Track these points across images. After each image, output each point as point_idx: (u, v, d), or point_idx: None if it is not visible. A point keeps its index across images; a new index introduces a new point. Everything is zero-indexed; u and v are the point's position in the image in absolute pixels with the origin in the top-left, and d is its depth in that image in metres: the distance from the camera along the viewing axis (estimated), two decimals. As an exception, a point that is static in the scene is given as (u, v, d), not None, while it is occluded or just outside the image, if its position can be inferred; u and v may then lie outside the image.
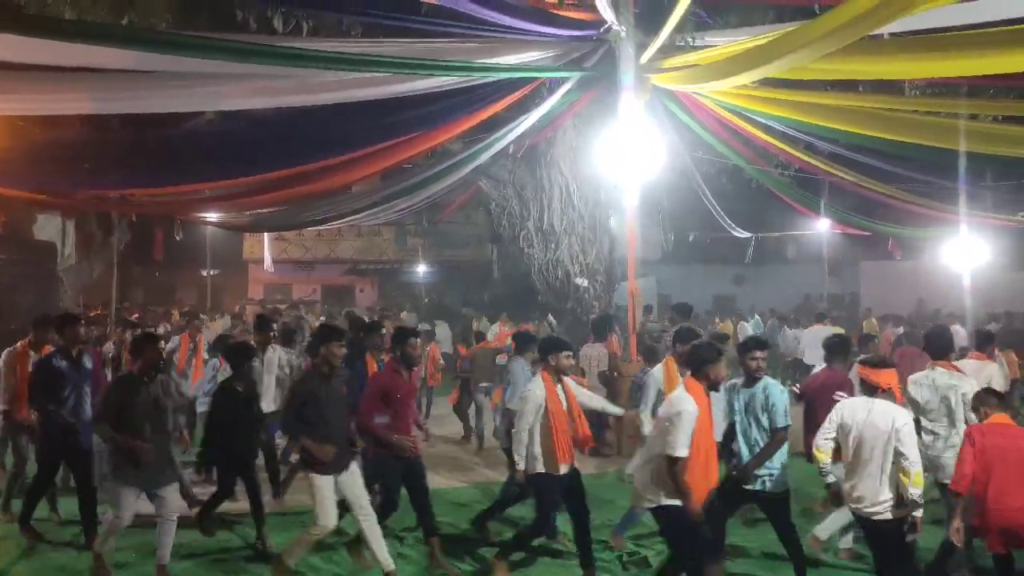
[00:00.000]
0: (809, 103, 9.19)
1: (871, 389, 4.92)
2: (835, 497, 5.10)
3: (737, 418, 5.41)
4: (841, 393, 5.83)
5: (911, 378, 6.01)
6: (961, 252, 14.00)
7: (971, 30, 6.71)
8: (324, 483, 5.43)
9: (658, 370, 6.41)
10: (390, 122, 9.29)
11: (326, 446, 5.40)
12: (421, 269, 26.58)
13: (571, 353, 5.96)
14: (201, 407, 8.55)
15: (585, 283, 14.01)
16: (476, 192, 15.96)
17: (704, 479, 4.82)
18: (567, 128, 13.44)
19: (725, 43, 8.68)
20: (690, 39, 9.23)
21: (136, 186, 10.23)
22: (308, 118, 9.37)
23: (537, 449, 5.57)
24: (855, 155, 11.42)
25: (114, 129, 13.28)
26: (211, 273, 24.33)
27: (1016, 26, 6.21)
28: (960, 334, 14.06)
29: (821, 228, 17.64)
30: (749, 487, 5.26)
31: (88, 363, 6.83)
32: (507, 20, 7.93)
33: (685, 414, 4.70)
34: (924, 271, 21.22)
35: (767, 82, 8.34)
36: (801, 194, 14.89)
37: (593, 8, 8.51)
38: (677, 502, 4.78)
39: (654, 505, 4.93)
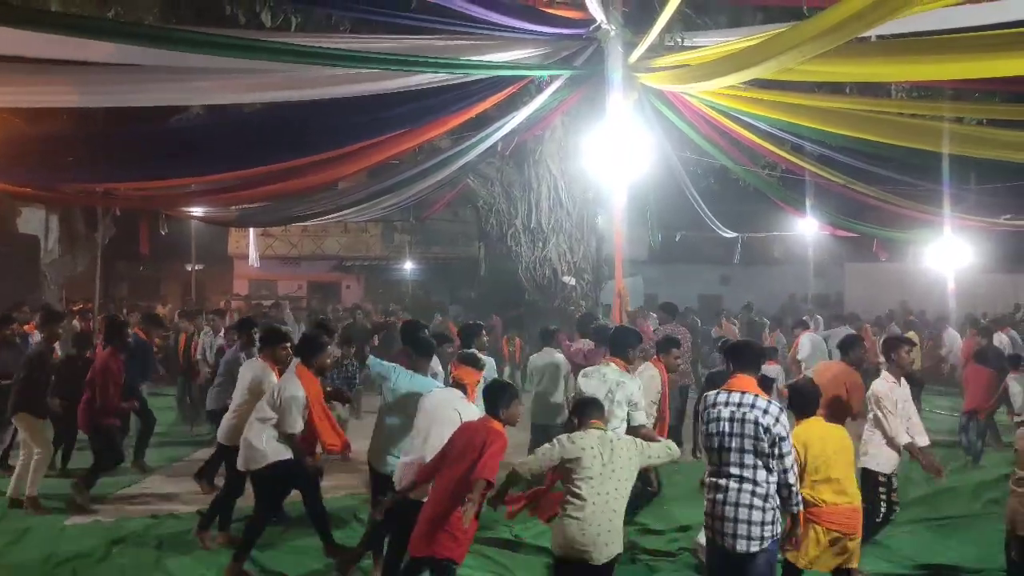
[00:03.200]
0: (797, 104, 9.22)
1: None
2: None
3: None
4: None
5: None
6: (945, 254, 14.12)
7: (958, 34, 6.75)
8: None
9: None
10: (378, 118, 9.25)
11: None
12: (408, 266, 26.51)
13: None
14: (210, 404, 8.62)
15: (572, 282, 14.05)
16: (464, 189, 15.94)
17: None
18: (555, 126, 13.46)
19: (714, 43, 8.69)
20: (679, 39, 9.24)
21: (121, 180, 10.15)
22: (295, 113, 9.31)
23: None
24: (842, 156, 11.48)
25: (99, 122, 13.17)
26: (196, 268, 24.18)
27: (1002, 31, 6.25)
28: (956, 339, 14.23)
29: (807, 229, 17.72)
30: None
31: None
32: (496, 17, 7.91)
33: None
34: (908, 273, 21.39)
35: (755, 83, 8.36)
36: (787, 194, 14.95)
37: (582, 6, 8.50)
38: None
39: None
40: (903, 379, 6.58)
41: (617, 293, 9.81)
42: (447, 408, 5.24)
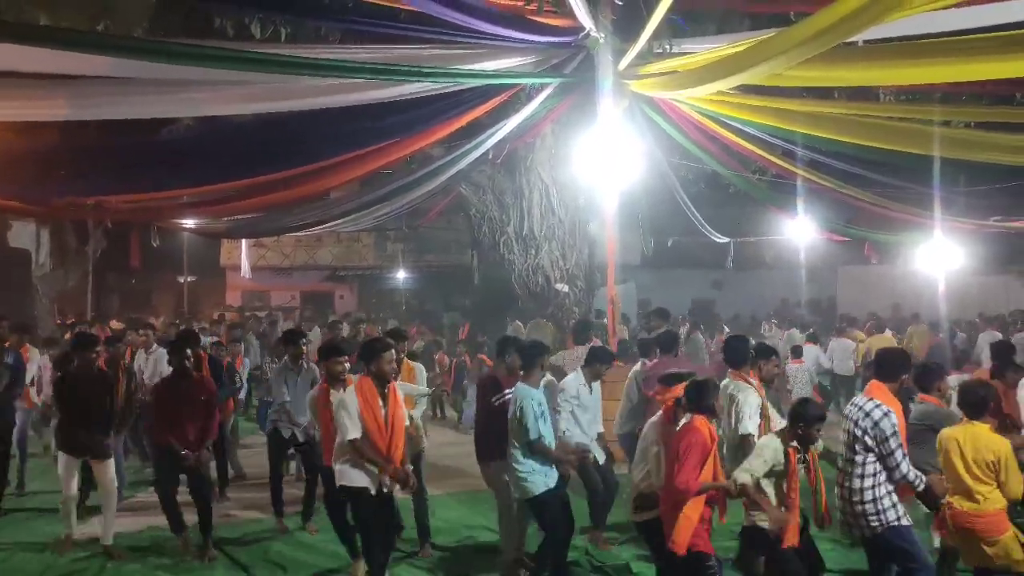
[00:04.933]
0: (785, 109, 9.27)
1: None
2: None
3: None
4: None
5: None
6: (935, 256, 14.18)
7: (943, 38, 6.81)
8: None
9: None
10: (369, 128, 9.27)
11: None
12: (401, 275, 26.49)
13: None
14: None
15: (565, 288, 14.05)
16: (456, 198, 15.95)
17: None
18: (547, 134, 13.48)
19: (702, 50, 8.74)
20: (668, 46, 9.29)
21: (112, 192, 10.13)
22: (286, 124, 9.32)
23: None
24: (831, 160, 11.54)
25: (90, 135, 13.15)
26: (188, 280, 24.14)
27: (988, 34, 6.30)
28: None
29: (799, 233, 17.78)
30: None
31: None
32: (485, 26, 7.94)
33: None
34: (900, 275, 21.46)
35: (744, 88, 8.41)
36: (778, 199, 15.01)
37: (571, 15, 8.54)
38: None
39: None
40: None
41: (610, 299, 9.85)
42: None
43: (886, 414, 4.85)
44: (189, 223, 12.95)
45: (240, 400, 10.63)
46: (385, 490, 5.53)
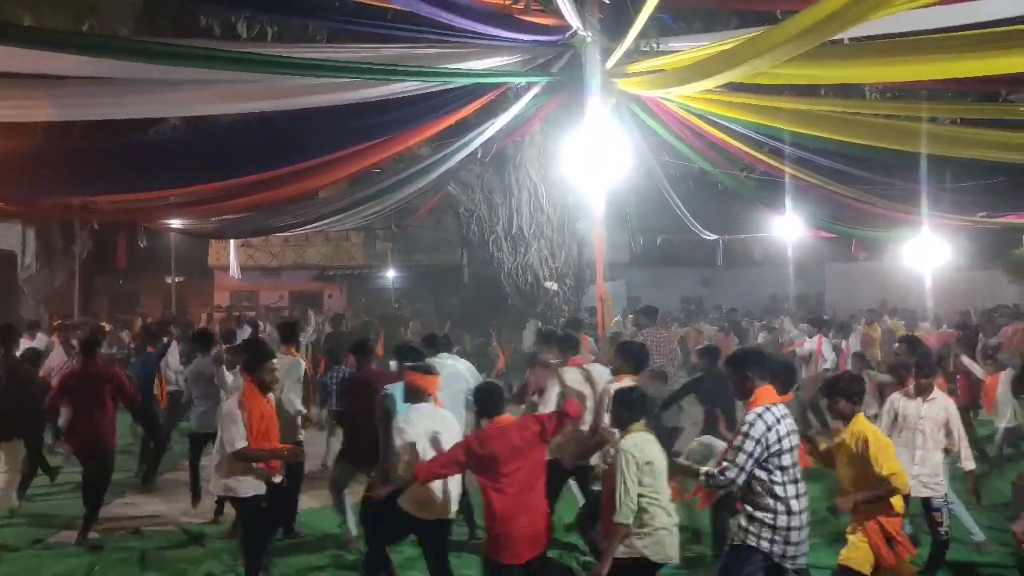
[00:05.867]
0: (772, 107, 9.30)
1: None
2: None
3: None
4: None
5: None
6: (922, 252, 14.27)
7: (929, 36, 6.85)
8: None
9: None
10: (357, 127, 9.24)
11: None
12: (390, 274, 26.43)
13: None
14: None
15: (554, 287, 14.06)
16: (445, 196, 15.94)
17: None
18: (535, 132, 13.49)
19: (689, 48, 8.76)
20: (655, 44, 9.30)
21: (99, 193, 10.07)
22: (273, 123, 9.29)
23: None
24: (819, 157, 11.58)
25: (76, 136, 13.08)
26: (176, 280, 24.02)
27: (972, 31, 6.34)
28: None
29: (787, 230, 17.85)
30: None
31: None
32: (473, 25, 7.93)
33: None
34: (887, 271, 21.60)
35: (731, 86, 8.43)
36: (766, 196, 15.06)
37: (559, 13, 8.54)
38: None
39: None
40: None
41: (599, 297, 9.85)
42: None
43: None
44: (176, 224, 12.87)
45: None
46: (279, 481, 5.72)
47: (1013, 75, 7.12)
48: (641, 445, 4.50)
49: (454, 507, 5.25)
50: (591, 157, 9.07)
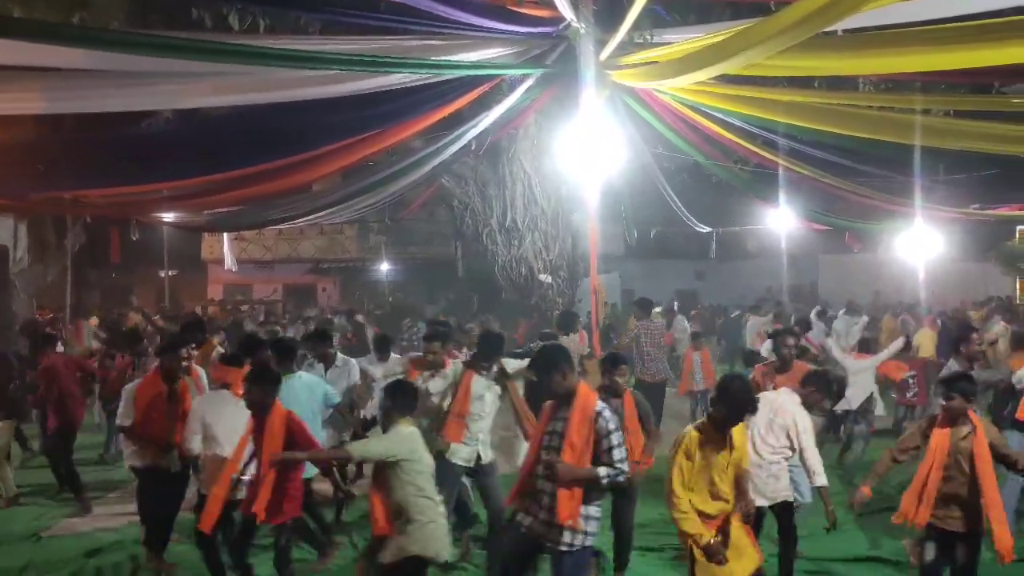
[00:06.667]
0: (766, 99, 9.30)
1: None
2: None
3: None
4: None
5: None
6: (915, 244, 14.31)
7: (923, 26, 6.84)
8: None
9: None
10: (350, 120, 9.22)
11: None
12: (384, 267, 26.43)
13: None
14: None
15: (548, 279, 14.05)
16: (439, 189, 15.91)
17: None
18: (529, 124, 13.46)
19: (683, 40, 8.74)
20: (649, 36, 9.29)
21: (91, 187, 10.02)
22: (266, 116, 9.25)
23: None
24: (812, 149, 11.60)
25: (67, 129, 13.01)
26: (169, 274, 23.96)
27: (967, 23, 6.34)
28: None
29: (781, 223, 17.88)
30: None
31: None
32: (465, 17, 7.91)
33: None
34: (880, 263, 21.66)
35: (725, 78, 8.42)
36: (760, 189, 15.08)
37: (552, 5, 8.51)
38: None
39: None
40: None
41: (593, 290, 9.85)
42: None
43: None
44: (169, 217, 12.83)
45: None
46: (174, 470, 6.10)
47: (1006, 67, 7.14)
48: (404, 439, 4.46)
49: None
50: (585, 149, 9.06)
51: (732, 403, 4.38)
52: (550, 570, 4.33)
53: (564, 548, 4.15)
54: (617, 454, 4.15)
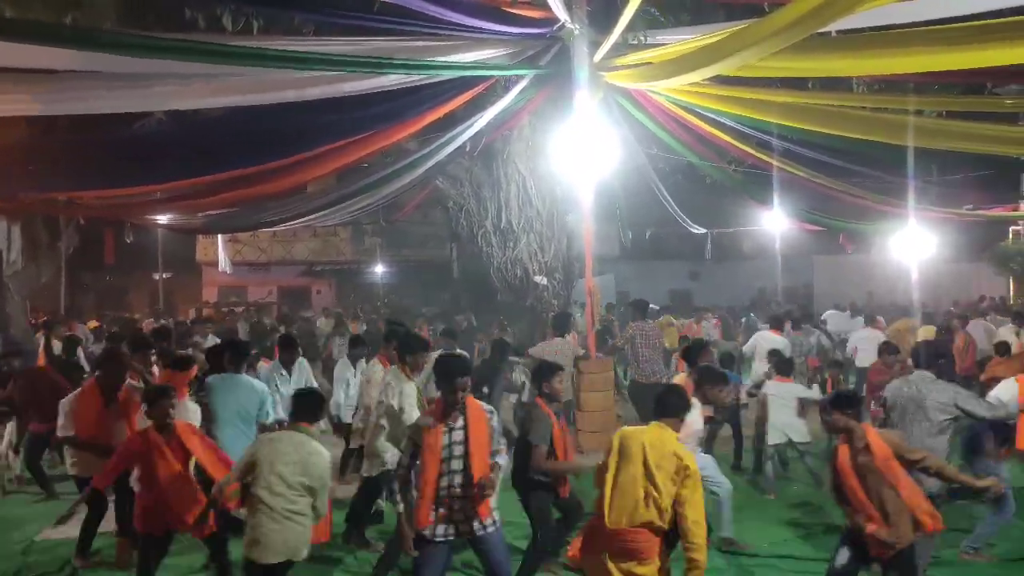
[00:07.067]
0: (760, 100, 9.31)
1: None
2: None
3: None
4: None
5: None
6: (909, 245, 14.35)
7: (917, 27, 6.86)
8: None
9: None
10: (344, 121, 9.20)
11: None
12: (379, 269, 26.38)
13: None
14: None
15: (544, 281, 14.02)
16: (433, 191, 15.88)
17: None
18: (523, 126, 13.45)
19: (677, 41, 8.75)
20: (643, 37, 9.29)
21: (84, 188, 10.00)
22: (260, 118, 9.23)
23: None
24: (806, 150, 11.61)
25: (60, 130, 12.96)
26: (164, 276, 23.92)
27: (961, 24, 6.36)
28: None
29: (775, 224, 17.91)
30: None
31: None
32: (460, 18, 7.91)
33: None
34: (874, 264, 21.72)
35: (719, 79, 8.43)
36: (754, 190, 15.10)
37: (546, 6, 8.52)
38: None
39: None
40: None
41: (588, 291, 9.86)
42: None
43: None
44: (163, 219, 12.80)
45: None
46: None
47: (998, 68, 7.16)
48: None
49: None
50: (579, 150, 9.07)
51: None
52: (484, 553, 4.72)
53: (492, 529, 4.67)
54: (500, 444, 4.74)
